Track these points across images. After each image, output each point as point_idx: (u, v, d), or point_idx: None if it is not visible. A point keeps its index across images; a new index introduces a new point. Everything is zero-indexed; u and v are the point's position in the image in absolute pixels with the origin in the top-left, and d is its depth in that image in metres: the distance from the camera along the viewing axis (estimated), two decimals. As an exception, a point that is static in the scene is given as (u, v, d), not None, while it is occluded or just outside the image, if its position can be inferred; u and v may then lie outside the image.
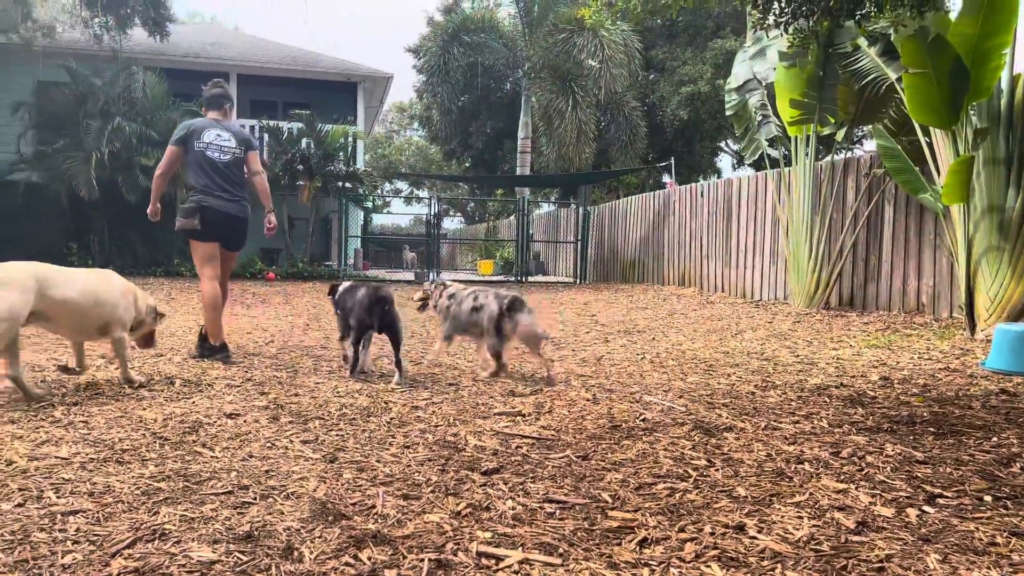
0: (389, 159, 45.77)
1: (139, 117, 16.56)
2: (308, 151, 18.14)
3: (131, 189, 15.99)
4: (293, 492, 2.63)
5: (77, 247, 16.77)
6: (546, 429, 3.67)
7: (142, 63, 18.64)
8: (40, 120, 17.14)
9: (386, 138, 48.24)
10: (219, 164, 5.52)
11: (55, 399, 3.93)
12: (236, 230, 5.69)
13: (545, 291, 15.57)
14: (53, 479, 2.62)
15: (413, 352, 6.22)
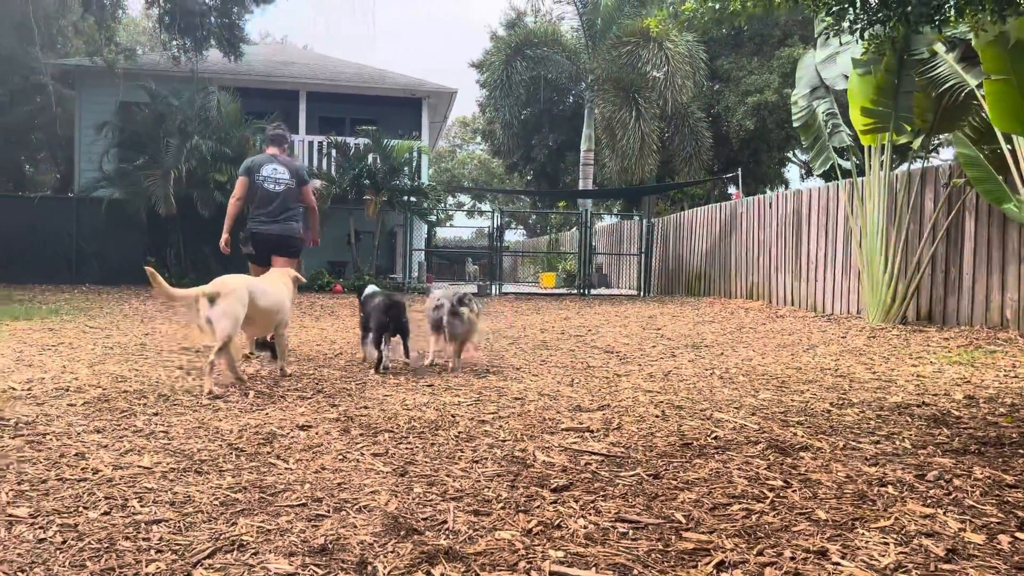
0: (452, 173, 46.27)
1: (214, 135, 17.10)
2: (374, 166, 18.46)
3: (205, 204, 16.52)
4: (365, 505, 2.65)
5: (154, 261, 17.36)
6: (615, 446, 3.63)
7: (217, 83, 19.28)
8: (122, 139, 17.86)
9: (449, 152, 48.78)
10: (271, 194, 6.52)
11: (136, 410, 4.06)
12: (281, 244, 6.58)
13: (608, 304, 15.45)
14: (136, 488, 2.70)
15: (478, 366, 6.23)
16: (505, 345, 7.92)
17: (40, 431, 3.47)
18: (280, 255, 6.52)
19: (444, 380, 5.44)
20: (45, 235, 17.66)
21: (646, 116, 18.56)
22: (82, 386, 4.61)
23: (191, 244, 17.59)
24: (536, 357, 6.96)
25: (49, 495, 2.58)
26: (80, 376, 5.00)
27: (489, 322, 10.83)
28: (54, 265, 17.48)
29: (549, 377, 5.73)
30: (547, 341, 8.39)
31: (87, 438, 3.38)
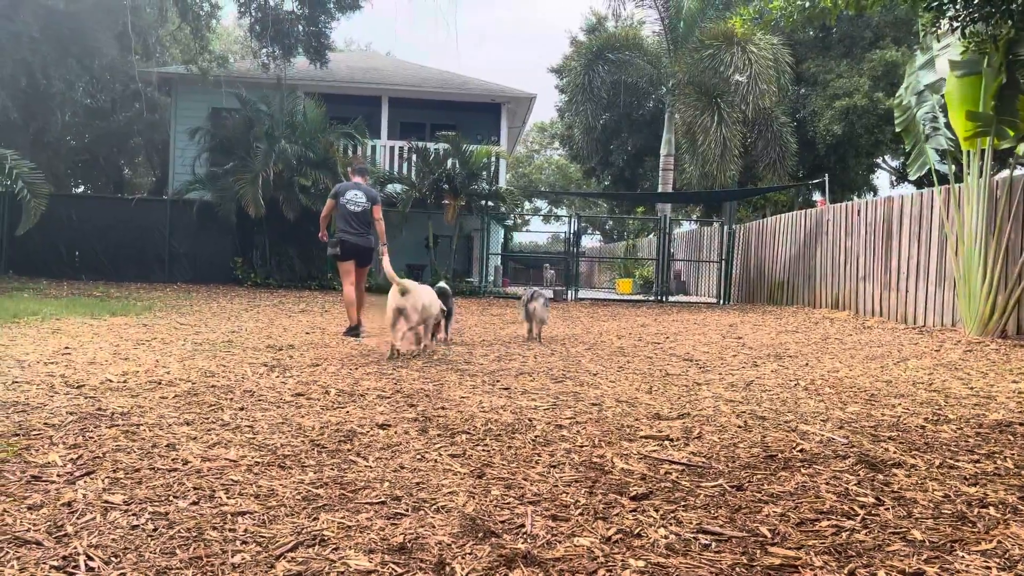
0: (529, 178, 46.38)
1: (299, 140, 17.59)
2: (453, 171, 18.65)
3: (291, 207, 16.99)
4: (443, 506, 2.65)
5: (241, 261, 17.98)
6: (696, 455, 3.54)
7: (303, 89, 19.85)
8: (213, 144, 18.57)
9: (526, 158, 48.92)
10: (354, 213, 8.22)
11: (223, 404, 4.18)
12: (361, 253, 8.38)
13: (687, 311, 15.19)
14: (223, 480, 2.77)
15: (554, 371, 6.20)
16: (581, 350, 7.87)
17: (134, 422, 3.61)
18: (360, 264, 8.41)
19: (520, 383, 5.43)
20: (141, 235, 18.49)
21: (728, 121, 18.20)
22: (173, 380, 4.78)
23: (276, 245, 18.13)
24: (613, 363, 6.88)
25: (142, 484, 2.67)
26: (171, 370, 5.19)
27: (565, 327, 10.78)
28: (148, 264, 18.28)
29: (626, 384, 5.65)
30: (624, 348, 8.29)
31: (177, 430, 3.49)
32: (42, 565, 1.99)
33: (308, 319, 10.50)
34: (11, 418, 3.54)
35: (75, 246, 17.76)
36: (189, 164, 18.88)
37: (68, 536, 2.18)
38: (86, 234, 17.88)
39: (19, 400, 3.93)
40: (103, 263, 17.83)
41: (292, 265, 18.13)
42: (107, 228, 18.21)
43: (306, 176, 17.06)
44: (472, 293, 18.31)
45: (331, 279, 17.98)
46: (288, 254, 18.18)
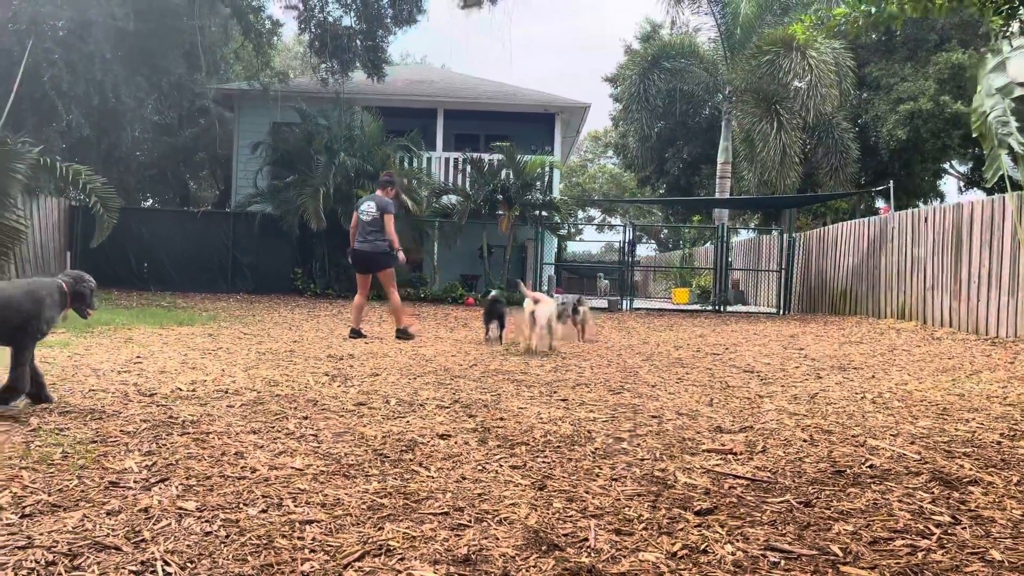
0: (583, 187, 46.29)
1: (357, 153, 17.90)
2: (507, 181, 18.73)
3: (349, 219, 17.20)
4: (506, 517, 2.65)
5: (301, 272, 18.35)
6: (761, 470, 3.47)
7: (361, 103, 20.20)
8: (274, 157, 19.02)
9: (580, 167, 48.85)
10: (364, 222, 9.10)
11: (288, 413, 4.27)
12: (368, 261, 9.23)
13: (746, 321, 14.94)
14: (290, 488, 2.82)
15: (612, 382, 6.16)
16: (639, 361, 7.80)
17: (204, 430, 3.71)
18: (371, 271, 9.28)
19: (578, 395, 5.41)
20: (206, 247, 19.01)
21: (787, 127, 17.88)
22: (239, 389, 4.90)
23: (335, 257, 18.43)
24: (671, 375, 6.80)
25: (213, 491, 2.74)
26: (237, 379, 5.31)
27: (620, 338, 10.71)
28: (213, 275, 18.78)
29: (686, 396, 5.59)
30: (682, 358, 8.20)
31: (245, 438, 3.58)
32: (121, 570, 2.06)
33: (366, 328, 10.64)
34: (89, 425, 3.67)
35: (143, 257, 18.36)
36: (251, 177, 19.36)
37: (145, 541, 2.25)
38: (154, 246, 18.47)
39: (96, 408, 4.08)
40: (170, 274, 18.38)
41: (351, 276, 18.36)
42: (174, 240, 18.78)
43: (364, 188, 17.31)
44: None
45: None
46: (346, 265, 18.43)
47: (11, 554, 2.09)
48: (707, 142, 24.60)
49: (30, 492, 2.62)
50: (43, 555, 2.07)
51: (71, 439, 3.37)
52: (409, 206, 17.40)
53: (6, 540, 2.17)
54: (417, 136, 19.08)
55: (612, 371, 6.89)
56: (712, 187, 22.92)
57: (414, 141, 18.86)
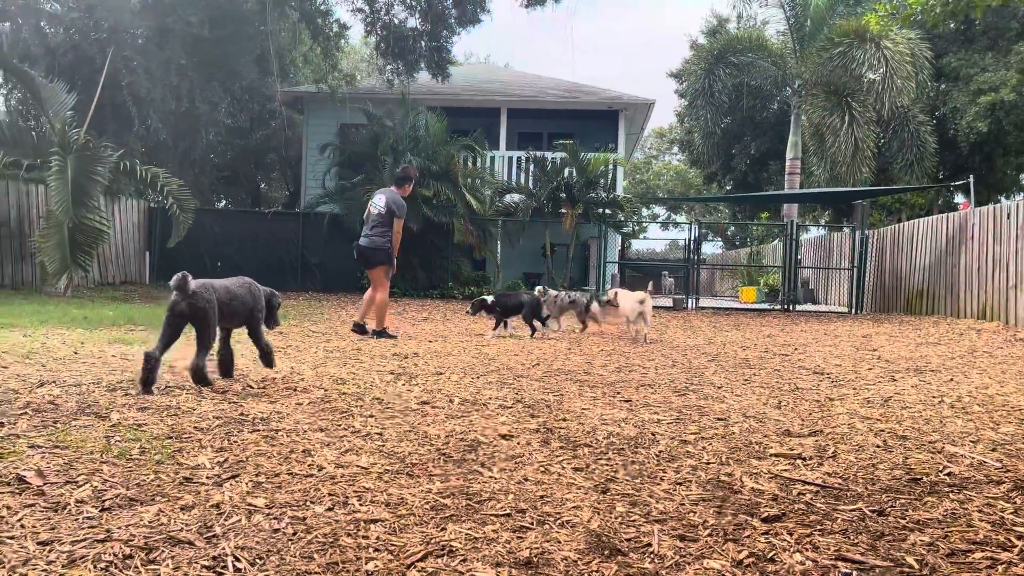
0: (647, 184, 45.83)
1: (422, 153, 18.09)
2: (570, 179, 18.68)
3: (413, 219, 17.46)
4: (568, 520, 2.64)
5: (367, 271, 18.64)
6: (831, 476, 3.38)
7: (425, 103, 20.42)
8: (341, 159, 19.38)
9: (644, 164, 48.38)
10: (372, 217, 8.93)
11: (354, 411, 4.34)
12: (364, 254, 9.03)
13: (816, 321, 14.55)
14: (356, 487, 2.87)
15: (677, 383, 6.07)
16: (704, 362, 7.68)
17: (273, 427, 3.80)
18: (368, 264, 9.05)
19: (642, 396, 5.35)
20: (276, 246, 19.51)
21: (860, 121, 17.35)
22: (307, 387, 5.01)
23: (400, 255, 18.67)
24: (738, 376, 6.68)
25: (282, 488, 2.80)
26: (305, 377, 5.43)
27: (686, 337, 10.56)
28: (283, 273, 19.25)
29: (753, 398, 5.47)
30: (749, 359, 8.04)
31: (312, 436, 3.65)
32: (194, 564, 2.12)
33: (431, 327, 10.77)
34: (165, 421, 3.80)
35: (217, 257, 18.94)
36: (320, 178, 19.78)
37: (217, 537, 2.31)
38: (226, 245, 19.04)
39: (172, 404, 4.22)
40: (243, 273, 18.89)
41: (415, 275, 18.63)
42: (245, 240, 19.33)
43: (428, 188, 17.51)
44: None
45: (451, 288, 18.39)
46: (411, 264, 18.68)
47: (91, 547, 2.18)
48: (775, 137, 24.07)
49: (109, 486, 2.72)
50: (121, 548, 2.15)
51: (148, 435, 3.49)
52: (473, 205, 17.51)
53: (87, 533, 2.27)
54: (480, 136, 19.18)
55: (677, 372, 6.80)
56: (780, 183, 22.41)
57: (478, 141, 18.96)
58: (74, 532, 2.27)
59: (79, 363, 5.56)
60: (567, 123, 23.25)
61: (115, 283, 17.48)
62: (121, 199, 17.81)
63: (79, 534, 2.25)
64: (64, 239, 12.56)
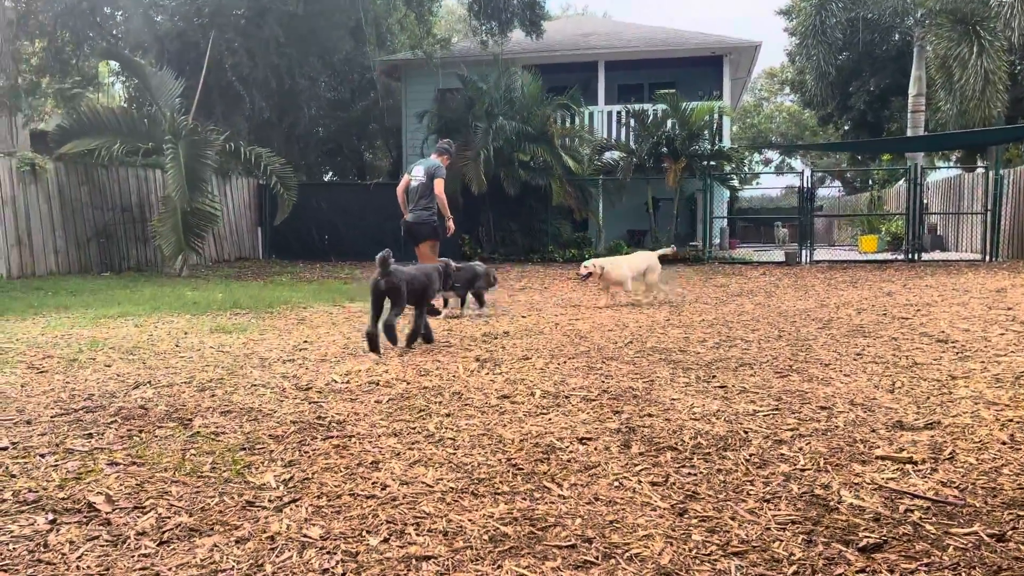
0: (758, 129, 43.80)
1: (517, 115, 17.82)
2: (672, 132, 17.98)
3: (511, 183, 17.33)
4: (637, 554, 2.44)
5: (468, 238, 18.69)
6: (946, 486, 3.02)
7: (520, 62, 20.07)
8: (438, 125, 19.35)
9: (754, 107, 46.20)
10: (413, 187, 8.61)
11: (431, 409, 4.25)
12: (411, 230, 8.70)
13: (944, 273, 13.51)
14: (416, 511, 2.76)
15: (780, 360, 5.69)
16: (813, 331, 7.20)
17: (347, 432, 3.75)
18: (416, 240, 8.68)
19: (739, 379, 5.03)
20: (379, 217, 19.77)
21: (990, 50, 15.80)
22: (390, 380, 4.96)
23: (499, 221, 18.63)
24: (849, 348, 6.21)
25: (340, 513, 2.73)
26: (390, 368, 5.40)
27: (795, 299, 9.99)
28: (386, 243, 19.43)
29: (863, 378, 5.05)
30: (864, 325, 7.49)
31: (384, 443, 3.58)
32: (238, 612, 2.06)
33: (526, 298, 10.64)
34: (243, 428, 3.83)
35: (324, 230, 19.43)
36: (418, 147, 19.85)
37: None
38: (333, 218, 19.49)
39: (254, 406, 4.26)
40: (348, 245, 19.34)
41: (515, 240, 18.54)
42: (350, 212, 19.71)
43: (525, 151, 17.28)
44: (696, 260, 17.62)
45: (551, 251, 18.19)
46: (511, 229, 18.61)
47: (140, 591, 2.16)
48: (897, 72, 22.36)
49: (174, 512, 2.72)
50: (164, 599, 2.12)
51: (223, 446, 3.51)
52: (570, 166, 17.15)
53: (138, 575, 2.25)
54: (576, 93, 18.69)
55: (782, 346, 6.39)
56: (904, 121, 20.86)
57: (573, 98, 18.50)
58: (126, 574, 2.26)
59: (178, 358, 5.74)
60: (668, 72, 22.35)
61: (230, 259, 18.26)
62: (232, 178, 18.49)
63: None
64: (179, 223, 13.15)
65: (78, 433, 3.70)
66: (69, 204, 14.04)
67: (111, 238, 14.89)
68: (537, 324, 7.76)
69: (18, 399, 4.41)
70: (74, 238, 14.07)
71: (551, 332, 7.21)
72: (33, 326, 7.53)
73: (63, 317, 8.22)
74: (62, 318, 8.13)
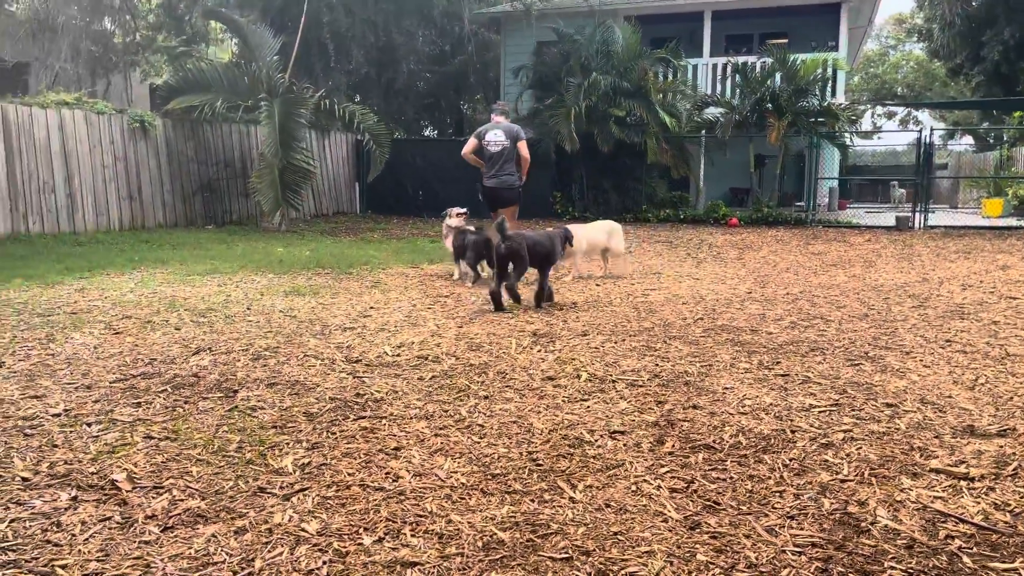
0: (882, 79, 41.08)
1: (613, 69, 17.30)
2: (777, 88, 17.06)
3: (605, 140, 16.92)
4: (632, 573, 2.32)
5: (560, 196, 18.47)
6: (999, 508, 2.75)
7: (622, 13, 19.43)
8: (533, 80, 19.05)
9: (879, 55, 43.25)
10: (491, 154, 8.54)
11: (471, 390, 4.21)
12: (497, 196, 8.65)
13: (1072, 244, 12.36)
14: (419, 509, 2.72)
15: (857, 344, 5.33)
16: (906, 310, 6.73)
17: (380, 413, 3.76)
18: (498, 205, 8.61)
19: (805, 366, 4.75)
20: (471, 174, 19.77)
21: None
22: (440, 355, 4.95)
23: (592, 179, 18.28)
24: (940, 333, 5.77)
25: (344, 507, 2.73)
26: (445, 339, 5.39)
27: (897, 271, 9.37)
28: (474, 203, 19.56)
29: (945, 370, 4.67)
30: (964, 305, 6.95)
31: (412, 427, 3.56)
32: (216, 610, 2.09)
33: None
34: (283, 402, 3.90)
35: (419, 186, 19.61)
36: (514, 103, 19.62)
37: (252, 573, 2.27)
38: (426, 174, 19.62)
39: (300, 379, 4.33)
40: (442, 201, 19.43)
41: (608, 198, 18.18)
42: (444, 168, 19.72)
43: (620, 107, 16.80)
44: (797, 222, 16.80)
45: (645, 211, 17.76)
46: (604, 187, 18.24)
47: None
48: (1038, 19, 20.36)
49: (188, 495, 2.79)
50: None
51: (256, 423, 3.58)
52: (667, 122, 16.57)
53: (131, 564, 2.31)
54: (676, 47, 17.97)
55: (864, 327, 6.01)
56: (1041, 74, 19.02)
57: (673, 52, 17.79)
58: (121, 562, 2.33)
59: (245, 322, 5.92)
60: (781, 21, 21.14)
61: (328, 214, 18.75)
62: (331, 134, 18.86)
63: (123, 565, 2.30)
64: (276, 179, 13.55)
65: (128, 401, 3.86)
66: (176, 159, 14.69)
67: (215, 192, 15.53)
68: (608, 294, 7.59)
69: (87, 362, 4.65)
70: (180, 192, 14.75)
71: (620, 304, 7.03)
72: (126, 282, 7.95)
73: (156, 273, 8.64)
74: (155, 274, 8.55)
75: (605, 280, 8.70)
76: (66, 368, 4.49)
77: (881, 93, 40.72)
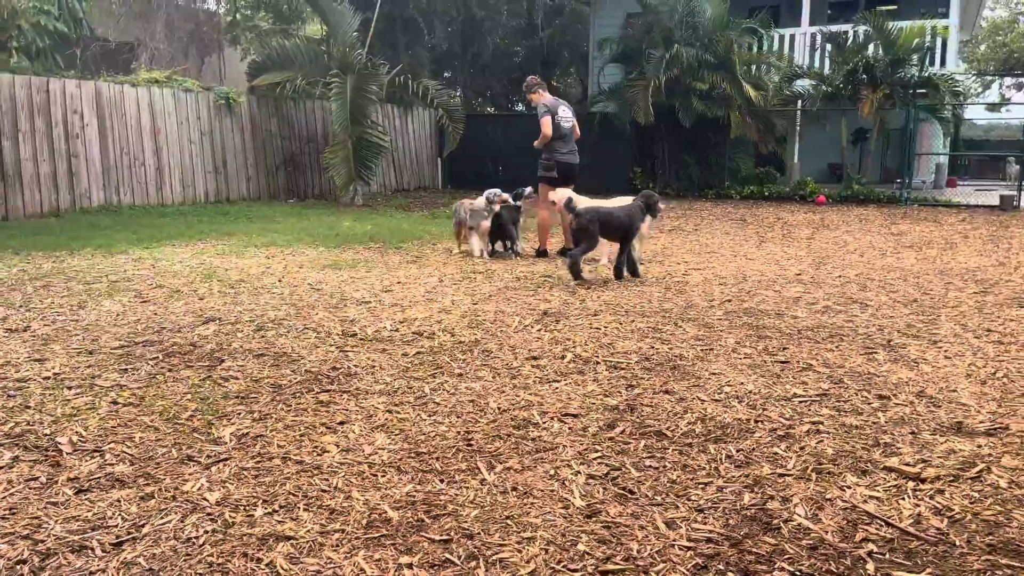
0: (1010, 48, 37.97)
1: (698, 41, 16.70)
2: (874, 57, 16.05)
3: (687, 114, 16.43)
4: (503, 559, 2.28)
5: (640, 171, 18.09)
6: (938, 514, 2.54)
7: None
8: (618, 53, 18.63)
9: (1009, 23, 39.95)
10: (566, 130, 8.43)
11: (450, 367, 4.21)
12: (574, 173, 8.56)
13: None
14: (323, 485, 2.73)
15: (885, 332, 5.01)
16: (963, 297, 6.28)
17: (345, 388, 3.82)
18: (571, 181, 8.39)
19: (814, 353, 4.50)
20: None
21: None
22: (436, 331, 4.97)
23: (673, 154, 17.79)
24: (985, 321, 5.36)
25: (256, 479, 2.78)
26: (450, 317, 5.39)
27: (973, 253, 8.71)
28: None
29: (964, 363, 4.34)
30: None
31: (366, 403, 3.60)
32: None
33: (667, 240, 10.15)
34: (260, 373, 4.01)
35: (498, 161, 19.61)
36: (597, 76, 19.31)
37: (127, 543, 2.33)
38: (506, 150, 19.59)
39: (288, 351, 4.45)
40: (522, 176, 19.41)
41: (689, 174, 17.68)
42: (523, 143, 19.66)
43: (703, 80, 16.25)
44: (891, 200, 15.84)
45: (727, 187, 17.18)
46: (686, 163, 17.74)
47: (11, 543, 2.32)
48: None
49: (119, 460, 2.93)
50: (23, 550, 2.29)
51: (221, 392, 3.70)
52: (751, 96, 15.90)
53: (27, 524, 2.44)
54: (766, 17, 17.17)
55: (905, 313, 5.66)
56: None
57: (763, 22, 17.01)
58: (18, 521, 2.46)
59: (270, 294, 6.11)
60: (891, -14, 19.84)
61: (409, 189, 19.05)
62: (413, 110, 19.10)
63: (19, 525, 2.44)
64: (349, 155, 13.87)
65: (116, 368, 4.08)
66: (260, 134, 15.25)
67: (297, 167, 16.05)
68: (646, 273, 7.39)
69: (103, 328, 4.93)
70: (263, 166, 15.32)
71: (653, 284, 6.84)
72: (183, 252, 8.35)
73: (219, 244, 9.04)
74: (216, 245, 8.95)
75: (652, 258, 8.48)
76: (81, 334, 4.78)
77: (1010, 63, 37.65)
